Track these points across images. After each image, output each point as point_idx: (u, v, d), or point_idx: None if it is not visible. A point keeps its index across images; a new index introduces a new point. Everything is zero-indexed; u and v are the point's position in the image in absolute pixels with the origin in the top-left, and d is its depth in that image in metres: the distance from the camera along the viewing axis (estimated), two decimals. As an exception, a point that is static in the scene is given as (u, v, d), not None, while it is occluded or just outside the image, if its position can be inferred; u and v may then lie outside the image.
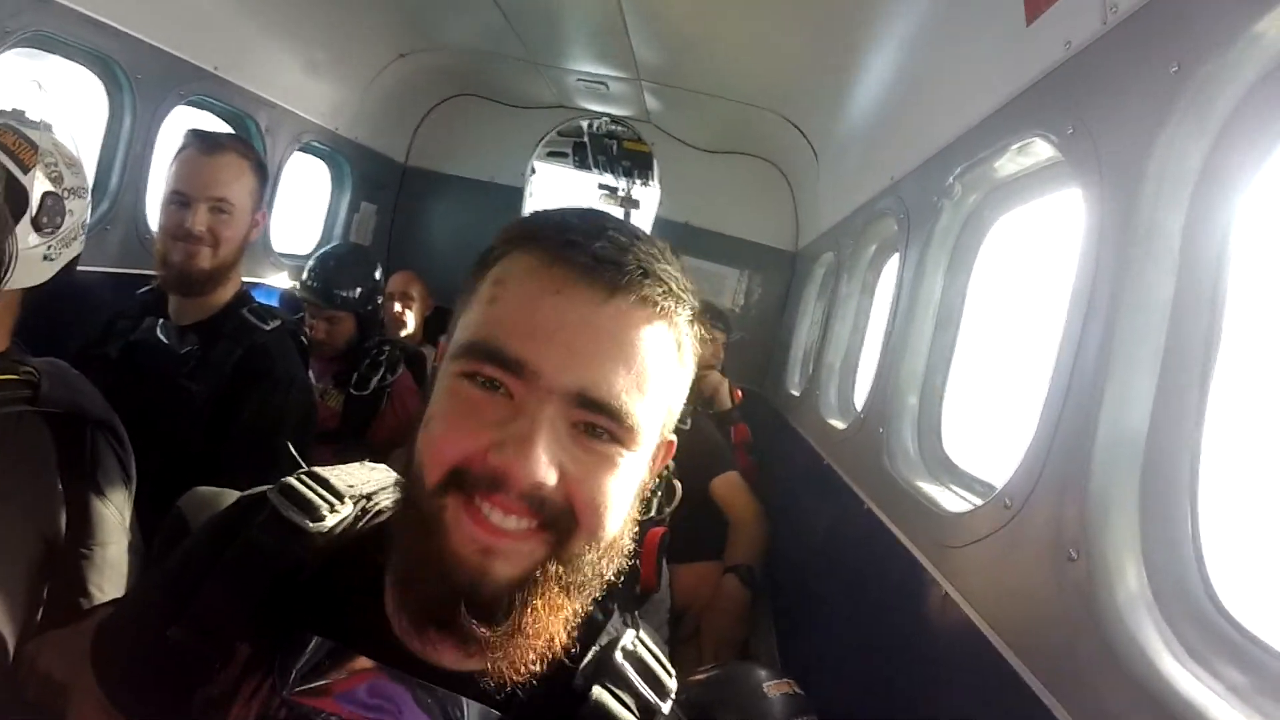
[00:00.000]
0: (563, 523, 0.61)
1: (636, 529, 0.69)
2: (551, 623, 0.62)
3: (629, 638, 0.74)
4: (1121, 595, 0.86)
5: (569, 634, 0.65)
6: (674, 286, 0.63)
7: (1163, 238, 0.91)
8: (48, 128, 1.58)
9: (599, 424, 0.60)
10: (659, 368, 0.62)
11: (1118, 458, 0.91)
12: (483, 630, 0.60)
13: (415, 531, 0.62)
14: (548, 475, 0.59)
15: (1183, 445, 0.89)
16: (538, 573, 0.61)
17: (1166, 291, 0.91)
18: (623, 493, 0.63)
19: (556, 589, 0.62)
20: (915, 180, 1.93)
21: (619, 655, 0.72)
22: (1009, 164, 1.46)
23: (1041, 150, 1.32)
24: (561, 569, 0.62)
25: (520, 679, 0.64)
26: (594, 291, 0.60)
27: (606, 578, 0.66)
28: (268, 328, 1.87)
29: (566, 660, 0.70)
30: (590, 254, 0.60)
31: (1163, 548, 0.88)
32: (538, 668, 0.64)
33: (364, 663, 0.67)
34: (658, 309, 0.62)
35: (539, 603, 0.61)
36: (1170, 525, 0.88)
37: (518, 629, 0.61)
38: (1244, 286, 0.90)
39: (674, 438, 0.70)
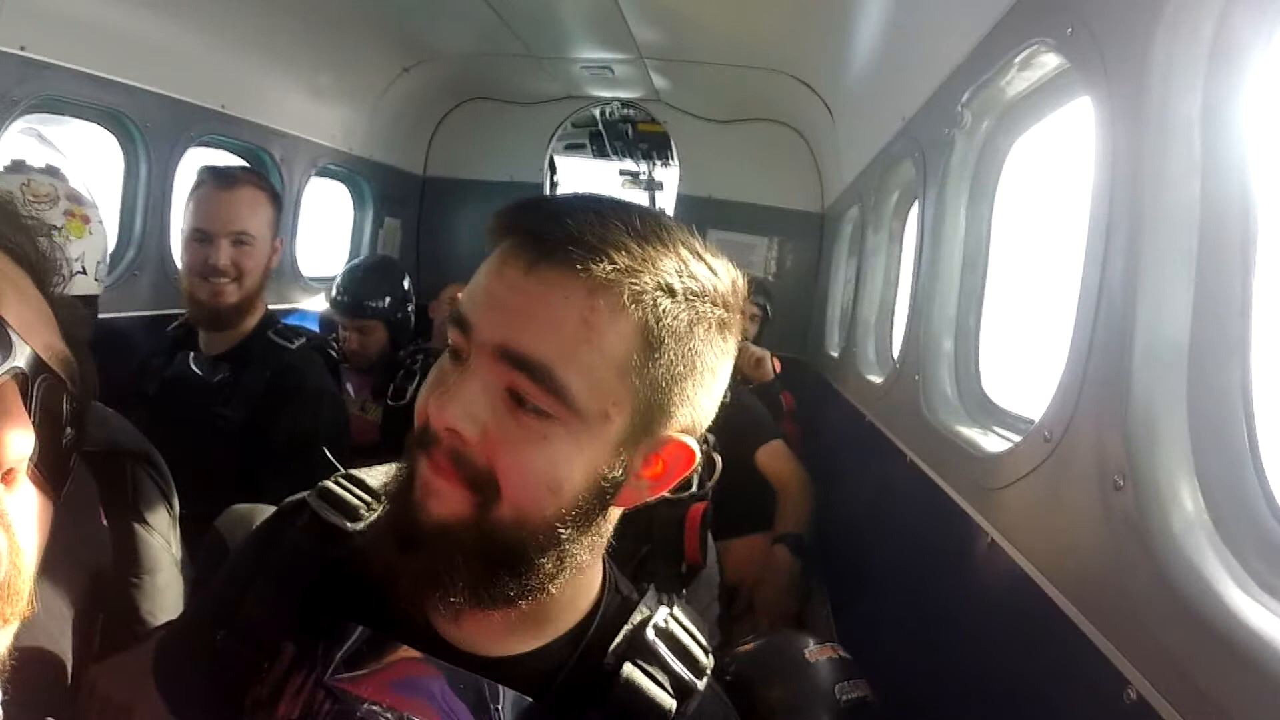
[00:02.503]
0: (486, 486, 0.61)
1: (597, 529, 0.67)
2: (457, 580, 0.62)
3: (662, 615, 0.73)
4: (1176, 521, 0.78)
5: (482, 606, 0.65)
6: (627, 261, 0.59)
7: (1180, 130, 0.83)
8: (54, 171, 1.63)
9: (523, 388, 0.59)
10: (603, 341, 0.59)
11: (1159, 373, 0.83)
12: (402, 560, 0.63)
13: (396, 479, 0.67)
14: (460, 422, 0.59)
15: (1230, 352, 0.81)
16: (456, 529, 0.61)
17: (1192, 188, 0.83)
18: (555, 468, 0.61)
19: (471, 553, 0.62)
20: (925, 116, 1.85)
21: (651, 633, 0.72)
22: (1016, 81, 1.37)
23: (1045, 60, 1.24)
24: (481, 537, 0.61)
25: (447, 643, 0.68)
26: (521, 260, 0.60)
27: (545, 569, 0.64)
28: (294, 346, 1.90)
29: (600, 641, 0.71)
30: (524, 227, 0.61)
31: (1218, 465, 0.79)
32: (440, 610, 0.66)
33: (403, 651, 0.69)
34: (593, 278, 0.58)
35: (455, 555, 0.62)
36: (1224, 440, 0.80)
37: (428, 572, 0.62)
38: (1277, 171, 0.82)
39: (691, 442, 0.65)
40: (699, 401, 0.65)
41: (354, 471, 0.82)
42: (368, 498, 0.79)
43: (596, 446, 0.61)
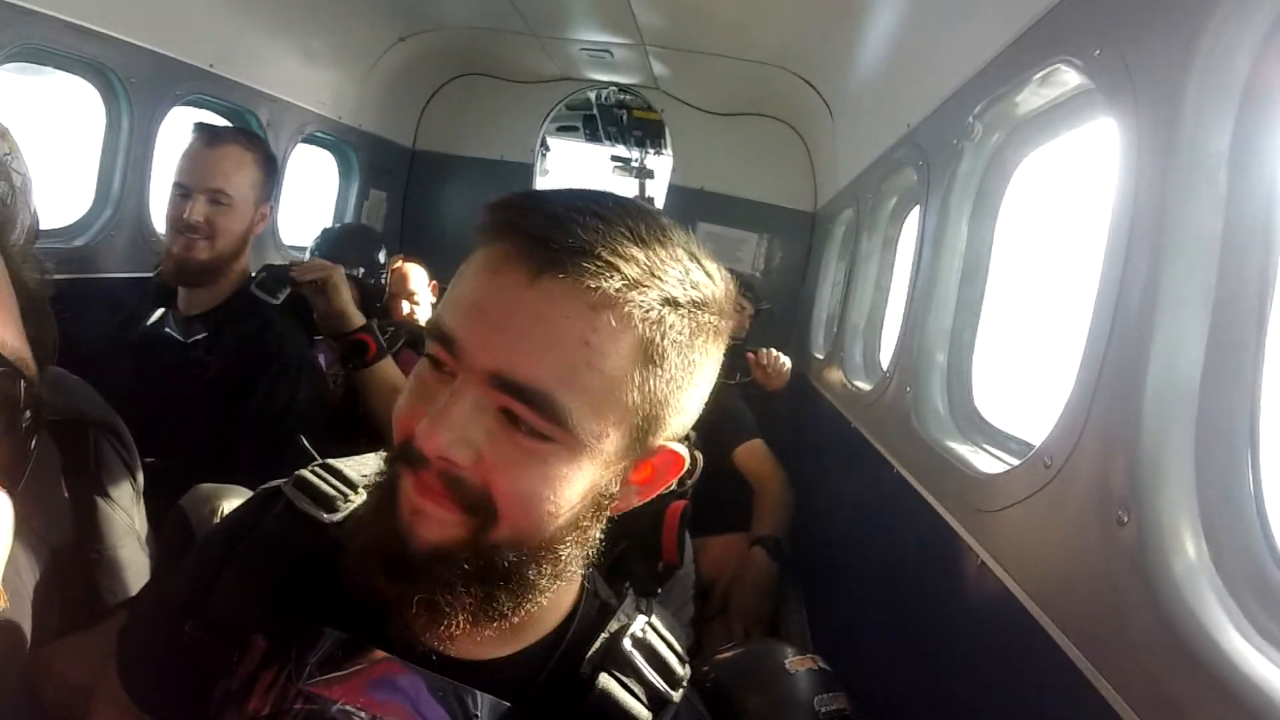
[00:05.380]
0: (483, 510, 0.59)
1: (591, 541, 0.65)
2: (457, 607, 0.61)
3: (639, 624, 0.73)
4: (1178, 563, 0.77)
5: (478, 626, 0.63)
6: (635, 274, 0.56)
7: (1208, 164, 0.82)
8: None
9: (518, 413, 0.57)
10: (604, 361, 0.56)
11: (1169, 409, 0.82)
12: (395, 588, 0.60)
13: (374, 493, 0.65)
14: (453, 450, 0.56)
15: (1240, 392, 0.80)
16: (453, 554, 0.59)
17: (1215, 224, 0.81)
18: (555, 491, 0.59)
19: (471, 577, 0.60)
20: (933, 125, 1.83)
21: (628, 643, 0.71)
22: (1031, 97, 1.35)
23: (1067, 79, 1.22)
24: (479, 561, 0.60)
25: (423, 647, 0.66)
26: (522, 271, 0.56)
27: (540, 585, 0.63)
28: (277, 301, 1.86)
29: (576, 648, 0.70)
30: (526, 231, 0.56)
31: (1222, 508, 0.78)
32: (439, 645, 0.66)
33: (378, 654, 0.67)
34: (599, 294, 0.55)
35: (453, 581, 0.60)
36: (1229, 482, 0.79)
37: (427, 600, 0.60)
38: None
39: (681, 449, 0.65)
40: (691, 408, 0.65)
41: (331, 461, 0.80)
42: (345, 489, 0.77)
43: (595, 464, 0.60)
